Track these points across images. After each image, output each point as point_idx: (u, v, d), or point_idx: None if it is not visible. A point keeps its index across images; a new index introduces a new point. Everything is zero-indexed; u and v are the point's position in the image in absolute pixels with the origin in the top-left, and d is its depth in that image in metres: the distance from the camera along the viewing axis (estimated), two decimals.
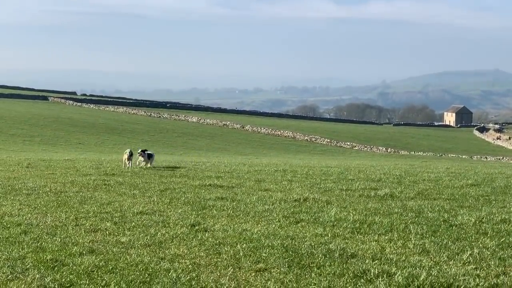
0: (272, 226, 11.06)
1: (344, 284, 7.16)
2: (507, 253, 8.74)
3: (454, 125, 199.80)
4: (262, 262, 8.23)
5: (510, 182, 18.81)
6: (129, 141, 70.54)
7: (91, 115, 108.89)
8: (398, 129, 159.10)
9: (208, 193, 15.59)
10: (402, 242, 9.64)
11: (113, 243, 9.39)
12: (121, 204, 13.45)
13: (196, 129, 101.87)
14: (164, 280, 7.26)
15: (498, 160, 76.28)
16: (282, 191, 16.35)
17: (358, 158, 59.28)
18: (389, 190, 16.46)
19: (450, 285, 7.05)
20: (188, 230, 10.55)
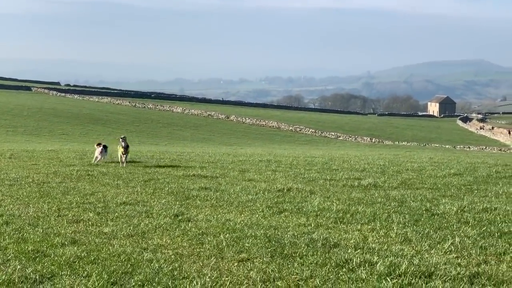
0: (255, 216, 11.07)
1: (326, 273, 7.18)
2: (488, 242, 8.79)
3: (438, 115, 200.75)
4: (245, 252, 8.23)
5: (492, 171, 18.93)
6: (114, 131, 70.26)
7: (75, 105, 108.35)
8: (382, 119, 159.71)
9: (192, 183, 15.57)
10: (384, 232, 9.68)
11: (95, 234, 9.36)
12: (105, 195, 13.40)
13: (181, 120, 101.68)
14: (146, 271, 7.24)
15: (481, 150, 76.74)
16: (266, 181, 16.37)
17: (342, 148, 59.44)
18: (372, 180, 16.51)
19: (431, 274, 7.09)
20: (171, 220, 10.53)
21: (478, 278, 7.03)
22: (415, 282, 6.72)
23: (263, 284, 6.81)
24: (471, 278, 7.02)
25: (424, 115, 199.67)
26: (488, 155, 37.45)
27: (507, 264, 7.77)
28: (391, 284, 6.63)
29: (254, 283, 6.82)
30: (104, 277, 6.87)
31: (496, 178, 17.31)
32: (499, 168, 20.07)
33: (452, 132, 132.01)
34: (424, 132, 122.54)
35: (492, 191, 14.41)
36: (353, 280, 6.87)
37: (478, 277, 7.07)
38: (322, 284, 6.75)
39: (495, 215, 10.97)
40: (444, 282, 6.74)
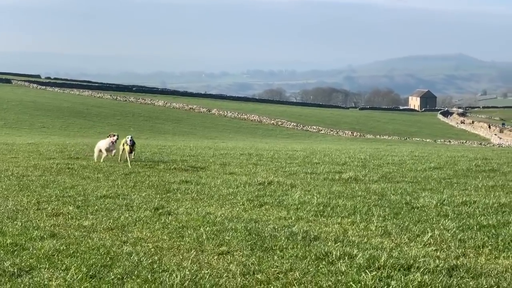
0: (236, 209, 11.07)
1: (306, 266, 7.19)
2: (467, 235, 8.85)
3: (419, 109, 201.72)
4: (225, 245, 8.23)
5: (472, 165, 19.05)
6: (95, 124, 70.01)
7: (55, 98, 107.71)
8: (364, 113, 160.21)
9: (173, 177, 15.53)
10: (364, 225, 9.72)
11: (75, 227, 9.31)
12: (85, 188, 13.33)
13: (162, 113, 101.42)
14: (126, 264, 7.22)
15: (461, 144, 77.29)
16: (247, 174, 16.36)
17: (324, 142, 59.59)
18: (353, 173, 16.56)
19: (410, 267, 7.12)
20: (152, 213, 10.51)
21: (456, 270, 7.08)
22: (394, 275, 6.75)
23: (242, 277, 6.81)
24: (450, 270, 7.06)
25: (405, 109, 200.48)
26: (468, 149, 37.67)
27: (486, 256, 7.83)
28: (370, 277, 6.66)
29: (234, 276, 6.82)
30: (83, 270, 6.83)
31: (476, 172, 17.42)
32: (479, 162, 20.20)
33: (433, 126, 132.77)
34: (405, 126, 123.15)
35: (472, 185, 14.51)
36: (333, 273, 6.88)
37: (456, 269, 7.12)
38: (302, 277, 6.76)
39: (474, 208, 11.05)
40: (423, 275, 6.77)
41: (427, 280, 6.53)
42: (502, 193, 13.23)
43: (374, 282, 6.52)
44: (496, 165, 19.42)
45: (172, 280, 6.54)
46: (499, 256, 7.85)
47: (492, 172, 17.53)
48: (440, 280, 6.55)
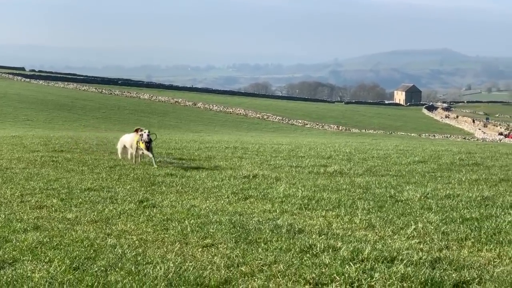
0: (220, 202, 11.07)
1: (290, 258, 7.21)
2: (450, 228, 8.90)
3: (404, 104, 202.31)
4: (209, 237, 8.23)
5: (456, 159, 19.15)
6: (80, 117, 69.63)
7: (40, 91, 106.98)
8: (349, 107, 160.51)
9: (158, 170, 15.52)
10: (348, 218, 9.75)
11: (58, 220, 9.28)
12: (69, 181, 13.28)
13: (148, 106, 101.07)
14: (110, 256, 7.20)
15: (446, 138, 77.61)
16: (232, 167, 16.36)
17: (309, 136, 59.64)
18: (338, 167, 16.60)
19: (394, 259, 7.16)
20: (136, 206, 10.49)
21: (439, 263, 7.12)
22: (378, 267, 6.79)
23: (227, 269, 6.82)
24: (433, 263, 7.10)
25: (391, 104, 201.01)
26: (452, 143, 37.85)
27: (468, 249, 7.88)
28: (354, 269, 6.68)
29: (218, 268, 6.83)
30: (66, 263, 6.82)
31: (460, 166, 17.52)
32: (463, 156, 20.31)
33: (417, 120, 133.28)
34: (390, 120, 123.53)
35: (455, 178, 14.59)
36: (317, 265, 6.90)
37: (439, 262, 7.16)
38: (286, 269, 6.78)
39: (457, 202, 11.12)
40: (406, 267, 6.81)
41: (410, 272, 6.57)
42: (485, 186, 13.32)
43: (357, 274, 6.55)
44: (479, 159, 19.54)
45: (156, 272, 6.54)
46: (481, 248, 7.90)
47: (475, 166, 17.64)
48: (423, 272, 6.58)
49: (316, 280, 6.41)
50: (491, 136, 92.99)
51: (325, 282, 6.37)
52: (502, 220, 9.31)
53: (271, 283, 6.32)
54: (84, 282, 6.14)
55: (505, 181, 14.23)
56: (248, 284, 6.25)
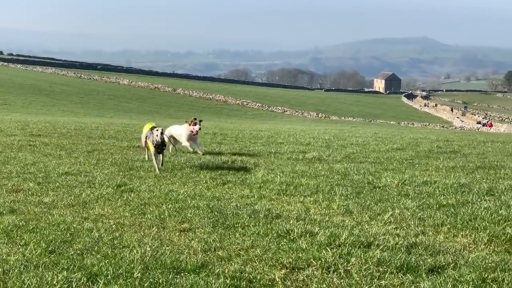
0: (198, 187, 11.05)
1: (267, 243, 7.22)
2: (427, 214, 8.96)
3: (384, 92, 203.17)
4: (186, 222, 8.22)
5: (433, 147, 19.27)
6: (58, 102, 69.11)
7: (18, 75, 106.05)
8: (329, 94, 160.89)
9: (137, 155, 15.44)
10: (326, 204, 9.78)
11: (35, 203, 9.22)
12: (46, 165, 13.17)
13: (127, 92, 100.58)
14: (86, 240, 7.17)
15: (424, 126, 78.05)
16: (211, 153, 16.33)
17: (289, 123, 59.73)
18: (317, 153, 16.64)
19: (370, 244, 7.19)
20: (114, 190, 10.44)
21: (415, 248, 7.17)
22: (354, 252, 6.82)
23: (204, 253, 6.82)
24: (408, 248, 7.15)
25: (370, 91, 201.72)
26: (430, 131, 38.08)
27: (444, 235, 7.94)
28: (331, 254, 6.71)
29: (195, 253, 6.82)
30: (42, 246, 6.77)
31: (437, 153, 17.62)
32: (441, 144, 20.44)
33: (397, 108, 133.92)
34: (369, 108, 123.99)
35: (433, 165, 14.68)
36: (294, 250, 6.92)
37: (415, 247, 7.21)
38: (263, 254, 6.79)
39: (434, 188, 11.19)
40: (382, 252, 6.85)
41: (386, 257, 6.60)
42: (462, 173, 13.42)
43: (334, 259, 6.57)
44: (457, 147, 19.68)
45: (132, 256, 6.52)
46: (457, 234, 7.97)
47: (453, 153, 17.76)
48: (399, 257, 6.63)
49: (293, 264, 6.43)
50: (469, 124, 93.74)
51: (301, 266, 6.39)
52: (478, 207, 9.39)
53: (247, 267, 6.33)
54: (60, 265, 6.11)
55: (482, 169, 14.35)
56: (225, 268, 6.25)
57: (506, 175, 13.34)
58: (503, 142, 22.94)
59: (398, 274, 6.18)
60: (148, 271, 6.04)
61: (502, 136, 32.48)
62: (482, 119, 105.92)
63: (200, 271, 6.14)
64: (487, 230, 7.99)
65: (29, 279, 5.61)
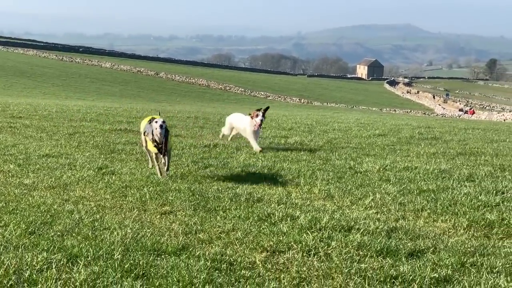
0: (180, 170, 11.03)
1: (248, 226, 7.23)
2: (407, 199, 9.01)
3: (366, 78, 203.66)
4: (168, 205, 8.21)
5: (415, 133, 19.34)
6: (40, 85, 68.59)
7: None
8: (312, 80, 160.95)
9: (118, 138, 15.37)
10: (308, 188, 9.80)
11: (15, 185, 9.16)
12: (27, 147, 13.08)
13: (109, 75, 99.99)
14: (67, 221, 7.14)
15: (406, 113, 78.39)
16: (193, 137, 16.30)
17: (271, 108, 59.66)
18: (299, 138, 16.65)
19: (351, 228, 7.22)
20: (95, 173, 10.40)
21: (395, 232, 7.21)
22: (335, 235, 6.84)
23: (185, 236, 6.81)
24: (389, 232, 7.19)
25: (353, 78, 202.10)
26: (412, 118, 38.23)
27: (424, 220, 8.00)
28: (311, 237, 6.73)
29: (175, 235, 6.82)
30: (22, 227, 6.73)
31: (419, 139, 17.70)
32: (422, 130, 20.53)
33: (379, 95, 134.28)
34: (352, 94, 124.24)
35: (414, 151, 14.75)
36: (275, 233, 6.93)
37: (396, 231, 7.25)
38: (244, 237, 6.79)
39: (415, 174, 11.24)
40: (362, 236, 6.88)
41: (366, 241, 6.64)
42: (443, 159, 13.50)
43: (315, 242, 6.60)
44: (438, 133, 19.78)
45: (113, 238, 6.50)
46: (437, 219, 8.03)
47: (434, 140, 17.85)
48: (379, 241, 6.66)
49: (274, 247, 6.44)
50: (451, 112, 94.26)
51: (282, 249, 6.40)
52: (458, 192, 9.45)
53: (228, 250, 6.33)
54: (40, 246, 6.08)
55: (462, 155, 14.44)
56: (206, 251, 6.26)
57: (487, 161, 13.44)
58: (484, 129, 23.08)
59: (378, 257, 6.21)
60: (129, 253, 6.03)
61: (483, 123, 32.69)
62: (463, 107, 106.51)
63: (180, 253, 6.14)
64: (467, 215, 8.06)
65: (9, 260, 5.58)
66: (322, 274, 5.70)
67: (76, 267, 5.57)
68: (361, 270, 5.79)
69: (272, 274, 5.71)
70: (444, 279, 5.66)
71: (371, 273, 5.69)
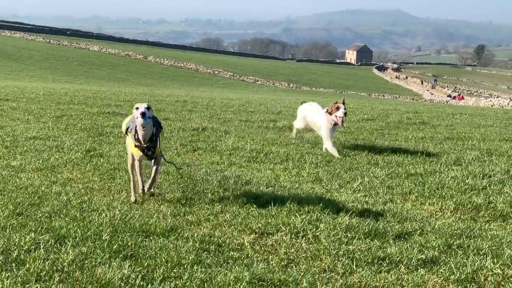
0: (169, 153, 11.01)
1: (236, 208, 7.24)
2: (395, 182, 9.05)
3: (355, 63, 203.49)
4: (156, 187, 8.20)
5: (403, 118, 19.40)
6: (27, 68, 68.12)
7: None
8: (301, 65, 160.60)
9: (107, 121, 15.32)
10: (296, 171, 9.83)
11: (2, 167, 9.11)
12: (14, 129, 13.01)
13: (97, 58, 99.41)
14: (54, 203, 7.12)
15: (395, 98, 78.49)
16: (181, 120, 16.28)
17: (260, 92, 59.61)
18: (288, 122, 16.66)
19: (339, 211, 7.24)
20: (83, 155, 10.36)
21: (383, 215, 7.24)
22: (323, 218, 6.86)
23: (173, 217, 6.81)
24: (377, 215, 7.22)
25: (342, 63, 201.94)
26: (401, 103, 38.34)
27: (412, 203, 8.04)
28: (300, 220, 6.75)
29: (164, 217, 6.82)
30: (9, 208, 6.71)
31: (407, 124, 17.76)
32: (410, 115, 20.59)
33: (368, 80, 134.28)
34: (341, 79, 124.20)
35: (402, 136, 14.82)
36: (263, 216, 6.95)
37: (383, 214, 7.29)
38: (232, 219, 6.80)
39: (403, 158, 11.29)
40: (351, 218, 6.90)
41: (354, 223, 6.66)
42: (430, 144, 13.56)
43: (303, 224, 6.61)
44: (426, 118, 19.85)
45: (101, 219, 6.49)
46: (424, 202, 8.08)
47: (422, 124, 17.91)
48: (367, 223, 6.69)
49: (262, 229, 6.46)
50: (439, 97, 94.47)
51: (270, 231, 6.42)
52: (446, 176, 9.50)
53: (217, 232, 6.34)
54: (28, 227, 6.06)
55: (450, 140, 14.51)
56: (194, 232, 6.26)
57: (474, 146, 13.51)
58: (471, 114, 23.19)
59: (365, 239, 6.24)
60: (117, 234, 6.02)
61: (470, 108, 32.81)
62: (451, 92, 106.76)
63: (169, 235, 6.14)
64: (454, 199, 8.11)
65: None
66: (310, 256, 5.73)
67: (64, 247, 5.56)
68: (349, 251, 5.82)
69: (260, 255, 5.72)
70: (430, 260, 5.69)
71: (359, 255, 5.72)
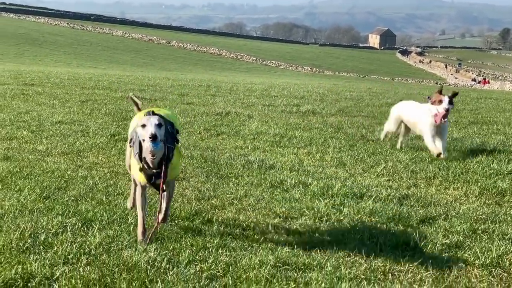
0: (192, 138, 11.07)
1: (261, 193, 7.27)
2: (419, 167, 9.03)
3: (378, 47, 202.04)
4: (181, 172, 8.24)
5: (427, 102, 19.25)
6: (51, 53, 68.61)
7: (10, 24, 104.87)
8: (323, 49, 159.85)
9: (130, 105, 15.37)
10: (320, 155, 9.83)
11: (29, 151, 9.21)
12: (39, 114, 13.12)
13: (121, 43, 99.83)
14: (81, 187, 7.20)
15: (418, 82, 78.01)
16: (205, 105, 16.32)
17: (283, 77, 59.53)
18: (311, 106, 16.65)
19: (363, 195, 7.26)
20: (108, 139, 10.44)
21: (407, 199, 7.24)
22: (347, 202, 6.88)
23: (197, 202, 6.86)
24: (400, 199, 7.22)
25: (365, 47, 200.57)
26: (424, 87, 38.09)
27: (436, 187, 8.02)
28: (324, 204, 6.77)
29: (188, 201, 6.87)
30: (36, 192, 6.79)
31: None
32: None
33: (391, 64, 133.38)
34: (364, 63, 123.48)
35: None
36: (287, 200, 6.98)
37: (407, 198, 7.28)
38: (256, 203, 6.84)
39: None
40: (374, 202, 6.91)
41: (378, 208, 6.67)
42: (455, 128, 13.48)
43: (327, 209, 6.64)
44: None
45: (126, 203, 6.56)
46: (449, 187, 8.05)
47: None
48: (391, 208, 6.69)
49: (286, 214, 6.49)
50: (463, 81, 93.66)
51: (295, 216, 6.45)
52: (470, 161, 9.45)
53: (241, 216, 6.38)
54: (55, 210, 6.14)
55: (475, 124, 14.41)
56: (219, 216, 6.31)
57: (499, 130, 13.42)
58: (496, 99, 22.97)
59: (389, 224, 6.25)
60: None
61: (495, 93, 32.51)
62: (476, 76, 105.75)
63: (194, 219, 6.19)
64: (479, 183, 8.07)
65: (24, 223, 5.64)
66: (335, 240, 5.74)
67: (91, 231, 5.63)
68: (372, 236, 5.83)
69: (284, 239, 5.75)
70: (455, 245, 5.69)
71: (383, 239, 5.73)
